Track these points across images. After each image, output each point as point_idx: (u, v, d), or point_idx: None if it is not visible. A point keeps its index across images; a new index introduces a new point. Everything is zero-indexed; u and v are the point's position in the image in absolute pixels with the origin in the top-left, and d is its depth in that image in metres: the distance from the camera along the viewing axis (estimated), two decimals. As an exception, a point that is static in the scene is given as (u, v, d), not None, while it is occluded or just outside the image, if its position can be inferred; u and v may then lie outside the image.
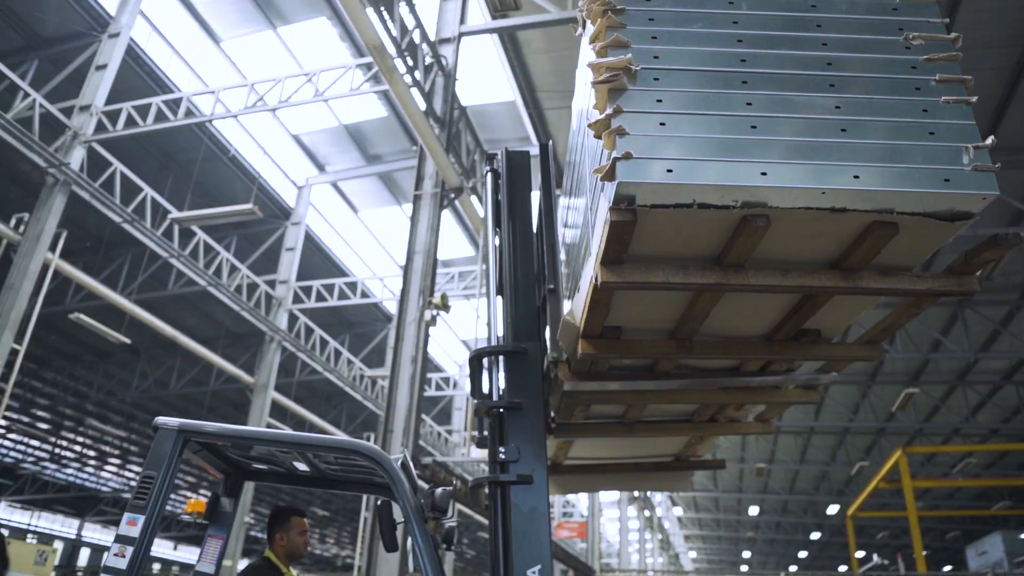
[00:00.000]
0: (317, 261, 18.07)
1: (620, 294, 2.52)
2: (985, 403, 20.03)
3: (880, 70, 2.31)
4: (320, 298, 17.21)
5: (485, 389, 3.27)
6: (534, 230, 3.70)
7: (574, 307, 2.85)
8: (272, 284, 16.64)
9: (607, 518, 31.57)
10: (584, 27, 3.03)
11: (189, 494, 29.98)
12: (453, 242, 16.93)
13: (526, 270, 3.52)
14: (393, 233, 17.71)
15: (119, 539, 2.66)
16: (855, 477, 24.88)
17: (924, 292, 2.44)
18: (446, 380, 22.89)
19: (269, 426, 16.04)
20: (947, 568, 35.63)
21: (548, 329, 3.34)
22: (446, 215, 10.61)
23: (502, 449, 3.04)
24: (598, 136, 2.20)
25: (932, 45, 2.35)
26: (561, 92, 11.82)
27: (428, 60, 9.64)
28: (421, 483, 3.53)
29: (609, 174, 2.06)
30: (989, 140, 2.13)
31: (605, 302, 2.54)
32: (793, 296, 2.61)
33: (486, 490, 3.19)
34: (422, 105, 9.20)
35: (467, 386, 22.40)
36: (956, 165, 2.10)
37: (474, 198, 11.17)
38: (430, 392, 21.75)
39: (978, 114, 2.24)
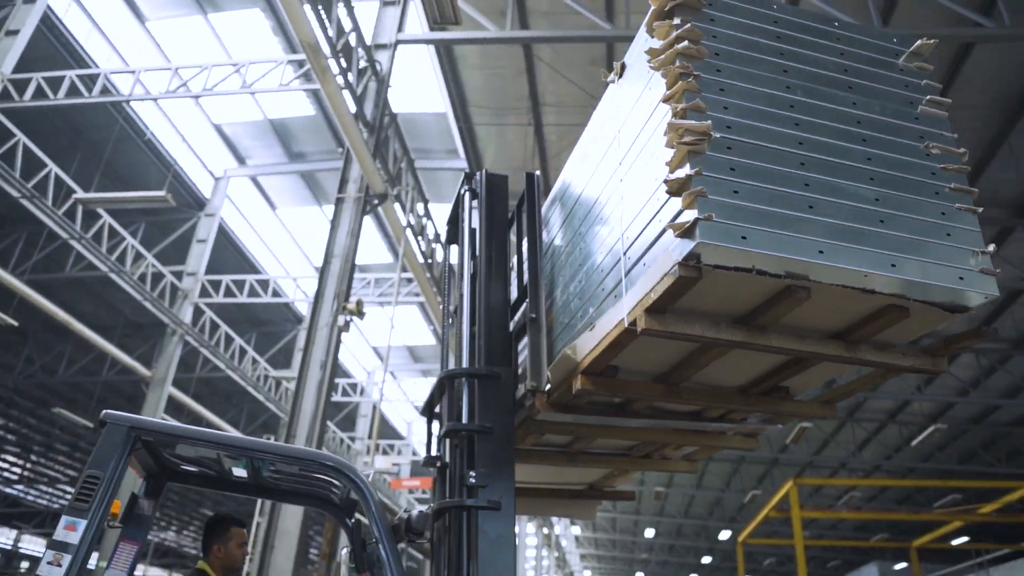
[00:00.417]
0: (229, 255, 17.52)
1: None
2: (870, 440, 21.14)
3: (908, 171, 2.55)
4: (229, 293, 16.68)
5: (452, 410, 3.25)
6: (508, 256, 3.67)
7: (579, 343, 2.91)
8: (179, 275, 16.03)
9: (506, 534, 31.61)
10: (621, 75, 3.06)
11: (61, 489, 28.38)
12: (372, 248, 16.75)
13: (500, 295, 3.51)
14: (311, 234, 17.37)
15: (55, 545, 2.39)
16: (747, 505, 25.78)
17: (906, 368, 2.71)
18: (353, 386, 22.53)
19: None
20: (825, 596, 37.21)
21: (528, 357, 3.31)
22: (367, 220, 10.49)
23: (472, 473, 2.98)
24: (674, 194, 2.29)
25: (946, 156, 2.62)
26: (492, 109, 11.90)
27: (363, 64, 9.54)
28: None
29: (688, 232, 2.19)
30: (991, 247, 2.44)
31: (625, 344, 2.63)
32: (785, 356, 2.79)
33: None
34: (352, 108, 9.09)
35: (375, 394, 22.12)
36: (966, 265, 2.40)
37: (397, 206, 11.09)
38: (336, 397, 21.35)
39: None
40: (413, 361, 22.37)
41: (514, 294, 3.71)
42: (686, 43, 2.48)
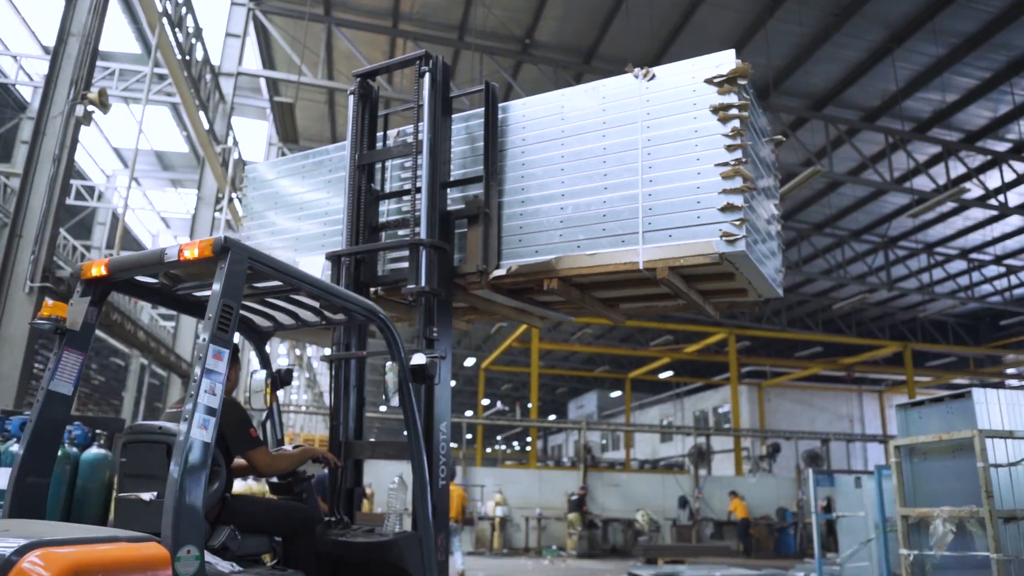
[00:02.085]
0: (-74, 17, 14.38)
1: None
2: (607, 285, 23.32)
3: (771, 217, 4.27)
4: (-73, 65, 13.86)
5: (413, 272, 4.04)
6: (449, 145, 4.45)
7: (566, 258, 3.93)
8: None
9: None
10: (648, 79, 3.97)
11: None
12: (117, 35, 14.60)
13: (442, 177, 4.22)
14: (39, 6, 14.68)
15: (208, 374, 2.44)
16: (493, 335, 27.69)
17: (707, 313, 4.59)
18: (90, 190, 20.26)
19: None
20: (552, 417, 41.97)
21: (480, 243, 4.10)
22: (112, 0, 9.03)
23: (433, 329, 3.92)
24: (724, 211, 3.60)
25: (777, 205, 4.42)
26: None
27: None
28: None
29: (733, 242, 3.56)
30: (784, 269, 4.38)
31: (614, 273, 3.85)
32: (661, 292, 4.26)
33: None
34: None
35: (116, 200, 20.06)
36: (775, 276, 4.21)
37: (152, -12, 9.66)
38: (68, 201, 19.10)
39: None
40: (161, 168, 20.45)
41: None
42: (746, 113, 3.68)
